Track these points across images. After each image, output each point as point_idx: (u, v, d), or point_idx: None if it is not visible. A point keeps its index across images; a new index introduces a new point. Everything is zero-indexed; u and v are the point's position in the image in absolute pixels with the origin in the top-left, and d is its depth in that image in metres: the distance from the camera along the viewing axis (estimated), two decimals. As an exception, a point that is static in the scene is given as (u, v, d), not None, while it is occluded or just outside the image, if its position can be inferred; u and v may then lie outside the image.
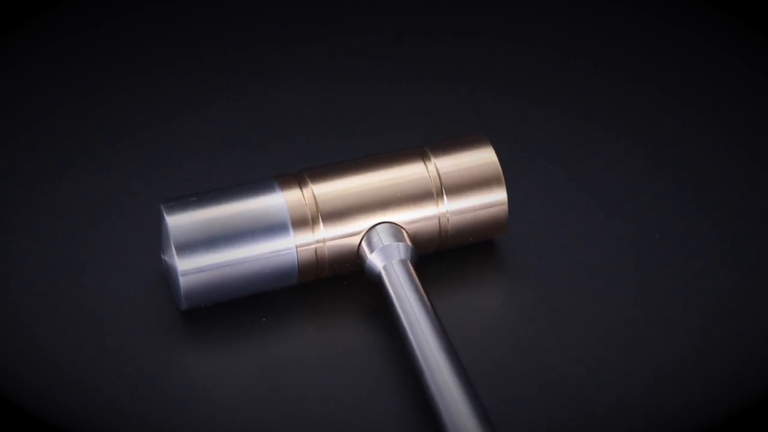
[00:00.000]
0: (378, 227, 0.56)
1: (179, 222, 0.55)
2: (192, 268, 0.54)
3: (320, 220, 0.56)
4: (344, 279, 0.58)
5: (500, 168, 0.58)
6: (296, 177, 0.57)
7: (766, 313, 0.57)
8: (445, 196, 0.57)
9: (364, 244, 0.56)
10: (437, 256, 0.58)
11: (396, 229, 0.56)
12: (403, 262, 0.55)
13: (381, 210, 0.56)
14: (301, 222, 0.56)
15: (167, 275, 0.56)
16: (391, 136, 0.66)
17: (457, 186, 0.57)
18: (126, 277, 0.58)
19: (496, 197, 0.58)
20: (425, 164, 0.57)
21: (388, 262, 0.55)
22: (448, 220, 0.57)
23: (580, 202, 0.62)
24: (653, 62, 0.71)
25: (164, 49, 0.72)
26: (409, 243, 0.56)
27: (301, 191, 0.56)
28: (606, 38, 0.73)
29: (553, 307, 0.57)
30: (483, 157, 0.58)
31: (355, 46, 0.73)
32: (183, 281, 0.54)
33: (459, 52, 0.72)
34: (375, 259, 0.56)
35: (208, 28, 0.74)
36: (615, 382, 0.54)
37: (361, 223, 0.56)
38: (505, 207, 0.58)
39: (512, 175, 0.58)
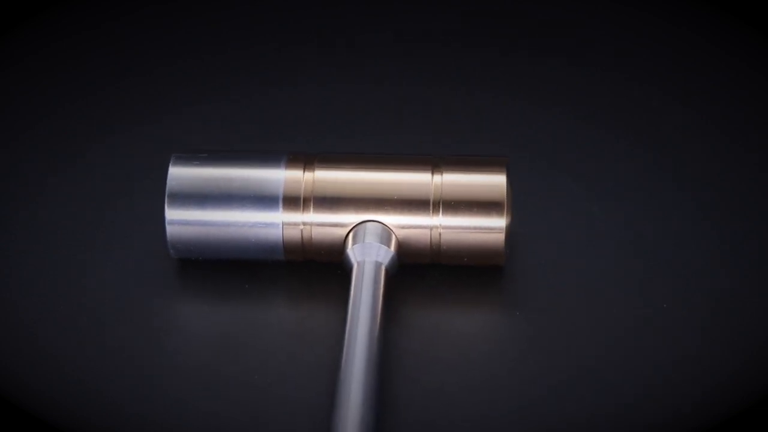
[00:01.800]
0: (368, 224, 0.56)
1: (179, 173, 0.57)
2: (179, 219, 0.56)
3: (312, 203, 0.56)
4: (339, 267, 0.57)
5: (506, 195, 0.56)
6: (307, 158, 0.57)
7: (766, 313, 0.57)
8: (441, 209, 0.56)
9: (350, 237, 0.56)
10: (434, 267, 0.58)
11: (385, 230, 0.56)
12: (377, 264, 0.55)
13: (374, 208, 0.56)
14: (292, 201, 0.56)
15: None
16: (391, 136, 0.66)
17: (456, 202, 0.56)
18: (126, 277, 0.58)
19: (493, 223, 0.56)
20: (433, 173, 0.57)
21: (362, 260, 0.55)
22: (440, 234, 0.56)
23: (579, 202, 0.62)
24: (653, 62, 0.71)
25: (164, 49, 0.72)
26: (391, 248, 0.56)
27: (304, 172, 0.57)
28: (606, 38, 0.73)
29: (551, 306, 0.57)
30: (491, 180, 0.56)
31: (355, 46, 0.73)
32: (169, 230, 0.56)
33: (459, 52, 0.72)
34: (351, 254, 0.56)
35: (208, 28, 0.74)
36: (615, 383, 0.54)
37: (351, 216, 0.56)
38: (502, 236, 0.56)
39: (512, 174, 0.58)
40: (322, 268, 0.58)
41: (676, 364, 0.55)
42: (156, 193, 0.60)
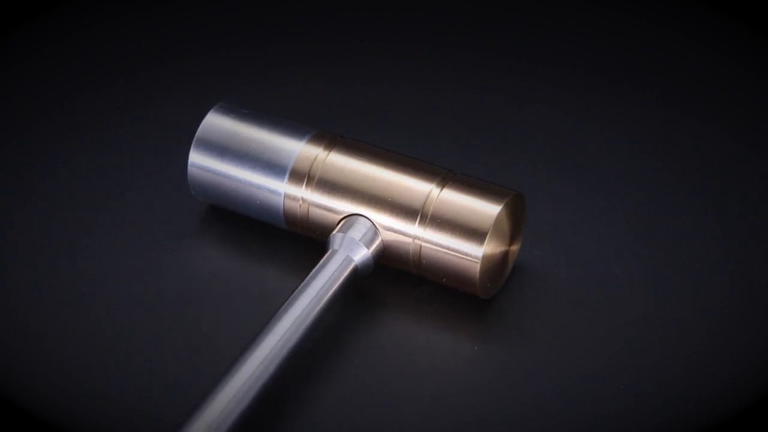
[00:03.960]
0: (358, 218, 0.56)
1: (213, 121, 0.60)
2: (199, 163, 0.59)
3: (315, 182, 0.57)
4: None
5: (491, 227, 0.55)
6: (331, 138, 0.58)
7: (767, 313, 0.57)
8: (427, 222, 0.56)
9: (339, 225, 0.56)
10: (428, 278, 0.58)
11: (371, 229, 0.56)
12: (348, 259, 0.55)
13: (367, 203, 0.56)
14: (299, 175, 0.57)
15: None
16: (391, 136, 0.66)
17: (442, 219, 0.55)
18: (126, 277, 0.58)
19: (471, 250, 0.55)
20: (435, 186, 0.56)
21: (337, 250, 0.55)
22: (420, 247, 0.56)
23: (580, 202, 0.62)
24: (653, 62, 0.71)
25: (164, 49, 0.72)
26: (370, 249, 0.56)
27: (320, 150, 0.58)
28: (606, 38, 0.73)
29: (551, 306, 0.57)
30: (484, 208, 0.55)
31: (356, 46, 0.73)
32: (189, 171, 0.60)
33: (459, 52, 0.72)
34: (331, 239, 0.56)
35: (208, 28, 0.74)
36: (616, 383, 0.54)
37: (345, 205, 0.57)
38: (477, 265, 0.55)
39: (512, 173, 0.58)
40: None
41: (677, 364, 0.55)
42: (156, 193, 0.60)
